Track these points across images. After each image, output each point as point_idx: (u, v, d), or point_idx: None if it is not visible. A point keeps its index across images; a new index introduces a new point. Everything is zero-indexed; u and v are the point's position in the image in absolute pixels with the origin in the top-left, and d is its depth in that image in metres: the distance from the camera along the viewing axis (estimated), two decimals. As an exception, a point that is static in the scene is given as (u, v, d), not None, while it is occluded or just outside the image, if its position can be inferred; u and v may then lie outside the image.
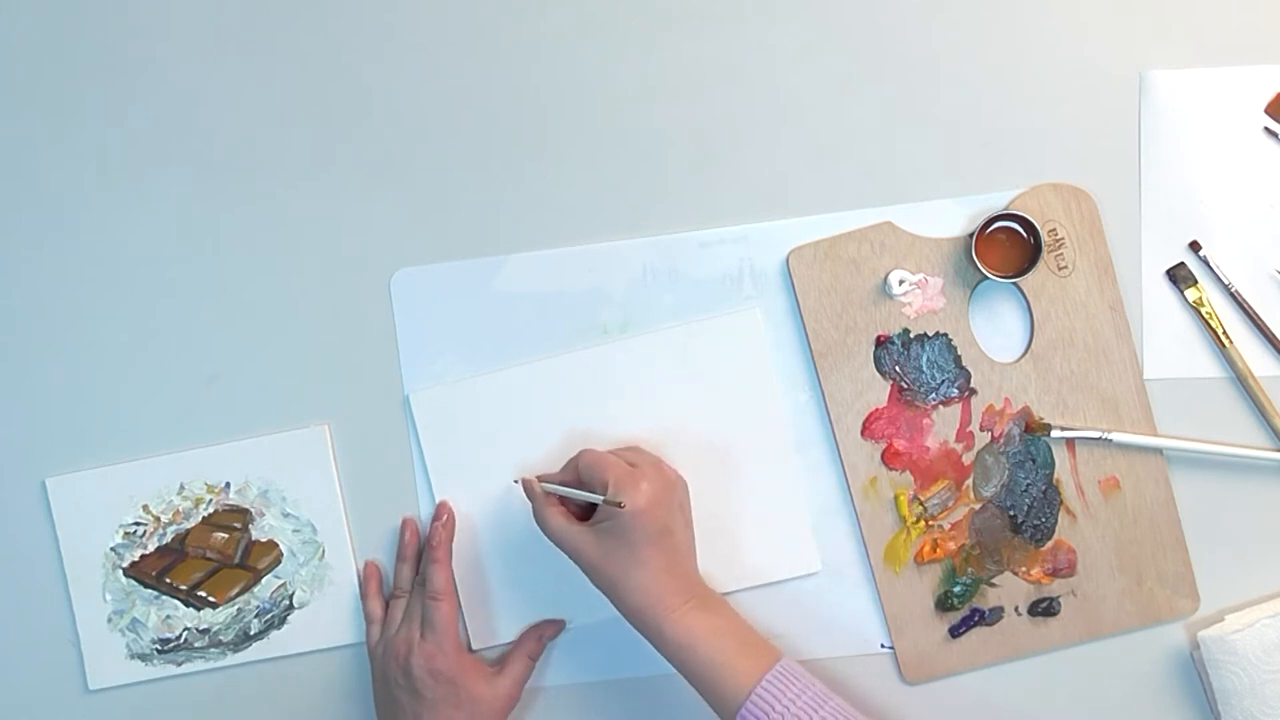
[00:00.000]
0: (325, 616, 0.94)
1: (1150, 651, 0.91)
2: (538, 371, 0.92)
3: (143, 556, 0.94)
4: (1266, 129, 0.90)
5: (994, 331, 0.91)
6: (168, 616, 0.94)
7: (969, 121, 0.92)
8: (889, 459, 0.91)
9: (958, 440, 0.91)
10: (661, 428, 0.92)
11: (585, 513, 0.87)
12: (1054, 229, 0.90)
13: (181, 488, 0.94)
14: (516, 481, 0.89)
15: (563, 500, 0.87)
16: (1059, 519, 0.90)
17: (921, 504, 0.91)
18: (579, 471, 0.86)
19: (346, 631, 0.94)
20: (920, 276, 0.91)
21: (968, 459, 0.91)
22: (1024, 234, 0.89)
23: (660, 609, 0.82)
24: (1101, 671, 0.91)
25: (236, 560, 0.94)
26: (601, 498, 0.83)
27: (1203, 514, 0.90)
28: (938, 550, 0.91)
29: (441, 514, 0.92)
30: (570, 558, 0.85)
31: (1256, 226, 0.90)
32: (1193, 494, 0.90)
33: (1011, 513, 0.91)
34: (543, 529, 0.86)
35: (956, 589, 0.91)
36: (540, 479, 0.88)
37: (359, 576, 0.94)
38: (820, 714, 0.78)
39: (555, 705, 0.93)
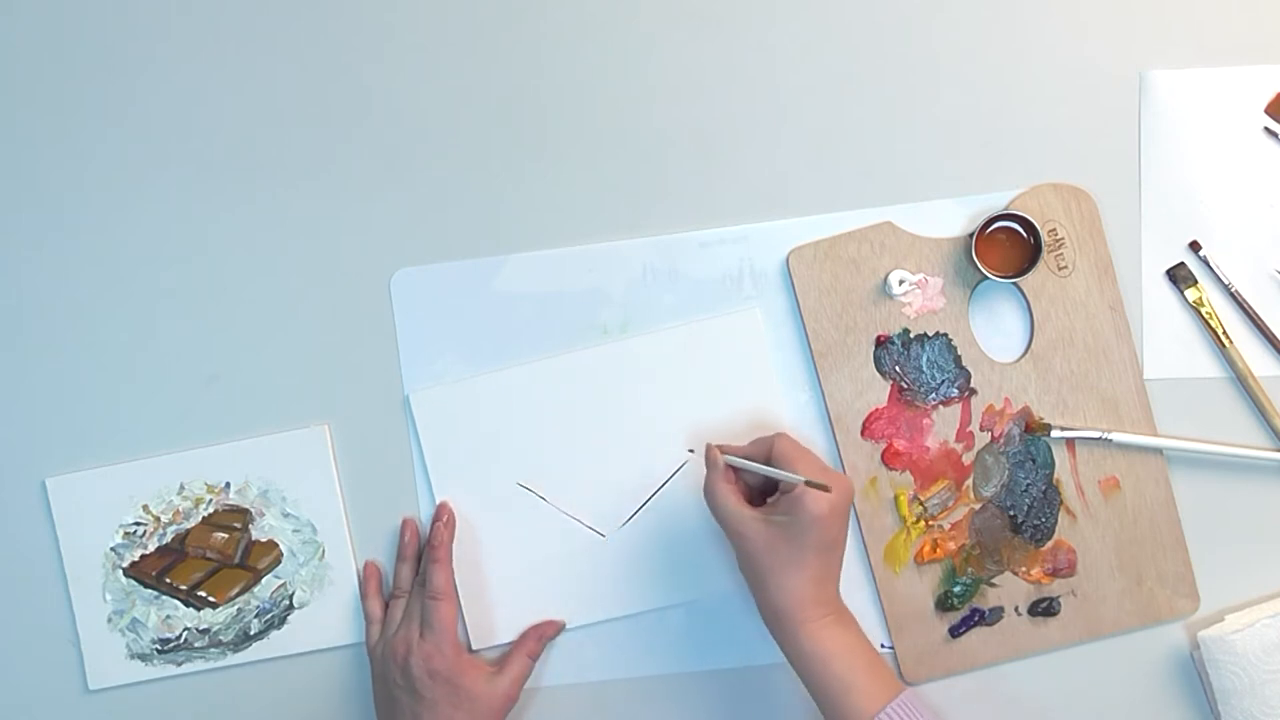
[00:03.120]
0: (325, 616, 0.94)
1: (1150, 651, 0.91)
2: (538, 371, 0.92)
3: (143, 556, 0.94)
4: (1266, 129, 0.90)
5: (994, 331, 0.91)
6: (168, 616, 0.94)
7: (969, 121, 0.92)
8: (889, 459, 0.91)
9: (958, 440, 0.91)
10: (661, 428, 0.92)
11: (752, 498, 0.86)
12: (1054, 229, 0.90)
13: (181, 488, 0.94)
14: (691, 452, 0.88)
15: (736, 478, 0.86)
16: (1059, 519, 0.90)
17: (921, 504, 0.91)
18: (771, 455, 0.84)
19: (346, 631, 0.94)
20: (920, 276, 0.91)
21: (968, 459, 0.91)
22: (1024, 234, 0.89)
23: (801, 615, 0.82)
24: (1101, 671, 0.91)
25: (236, 560, 0.94)
26: (803, 479, 0.81)
27: (1203, 514, 0.90)
28: (938, 550, 0.91)
29: (442, 514, 0.92)
30: (730, 538, 0.83)
31: (1256, 226, 0.90)
32: (1193, 494, 0.90)
33: (1011, 513, 0.91)
34: (711, 502, 0.84)
35: (956, 589, 0.91)
36: (722, 449, 0.86)
37: (359, 576, 0.94)
38: None
39: (554, 705, 0.93)
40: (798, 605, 0.82)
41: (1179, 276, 0.90)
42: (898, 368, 0.91)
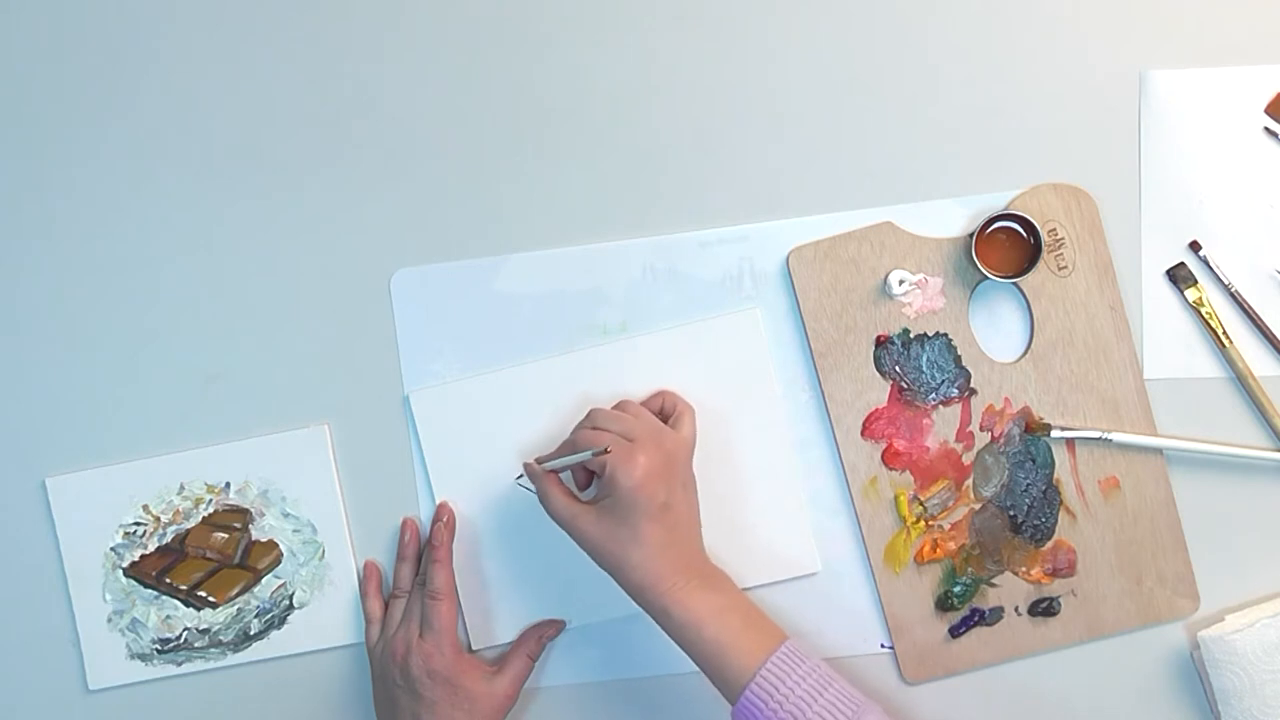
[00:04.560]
0: (325, 616, 0.94)
1: (1150, 651, 0.91)
2: (537, 371, 0.92)
3: (143, 556, 0.94)
4: (1266, 129, 0.90)
5: (994, 331, 0.91)
6: (168, 616, 0.94)
7: (969, 121, 0.92)
8: (889, 459, 0.91)
9: (958, 440, 0.91)
10: (661, 428, 0.92)
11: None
12: (1054, 229, 0.90)
13: (181, 488, 0.94)
14: (519, 477, 0.89)
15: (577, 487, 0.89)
16: (1059, 519, 0.90)
17: (921, 504, 0.91)
18: (575, 448, 0.85)
19: (346, 631, 0.94)
20: (920, 276, 0.91)
21: (968, 459, 0.91)
22: (1024, 234, 0.89)
23: (662, 587, 0.81)
24: (1101, 671, 0.91)
25: (236, 560, 0.94)
26: (589, 452, 0.82)
27: (1203, 514, 0.90)
28: (938, 550, 0.91)
29: (442, 514, 0.92)
30: (573, 539, 0.84)
31: (1256, 226, 0.90)
32: (1193, 494, 0.90)
33: (1011, 513, 0.91)
34: (548, 511, 0.85)
35: (956, 589, 0.91)
36: (539, 460, 0.87)
37: (359, 576, 0.94)
38: (825, 697, 0.78)
39: (554, 705, 0.93)
40: (655, 579, 0.81)
41: (1179, 276, 0.90)
42: (898, 368, 0.91)
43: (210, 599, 0.94)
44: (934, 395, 0.91)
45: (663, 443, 0.84)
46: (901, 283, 0.90)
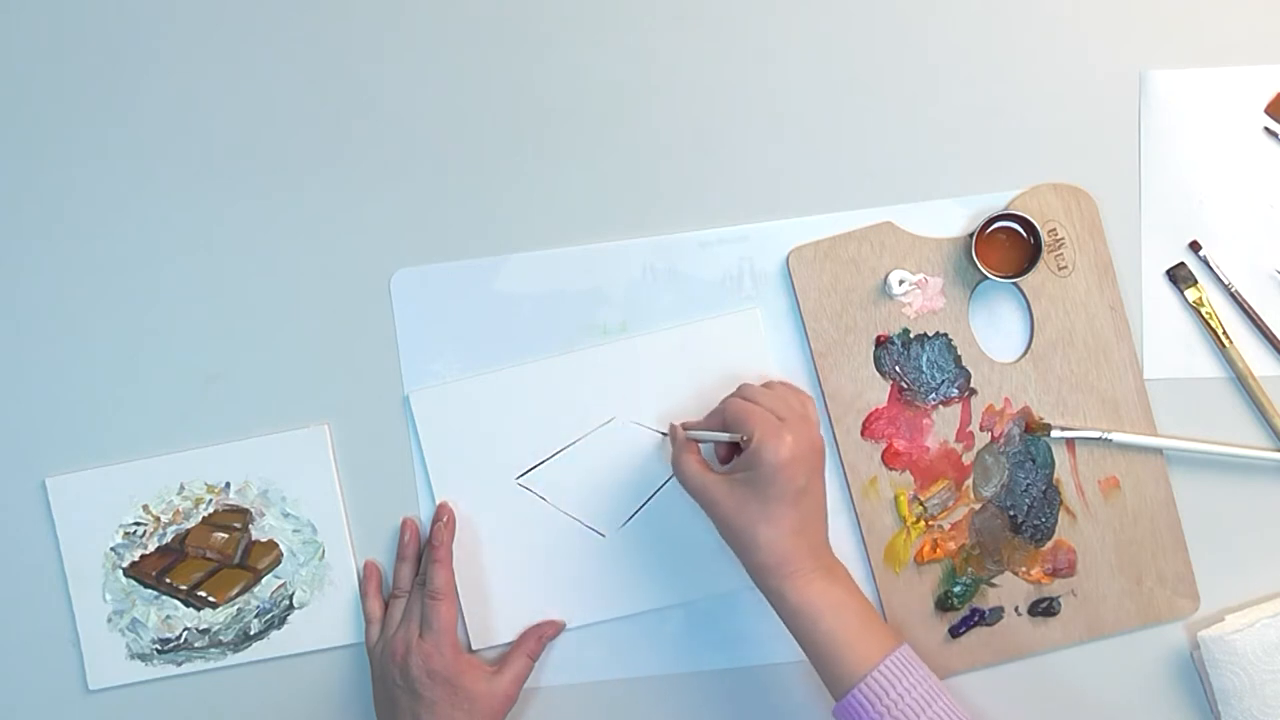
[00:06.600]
0: (325, 616, 0.94)
1: (1150, 651, 0.91)
2: (537, 371, 0.92)
3: (143, 556, 0.94)
4: (1266, 129, 0.90)
5: (994, 331, 0.91)
6: (168, 616, 0.94)
7: (969, 121, 0.92)
8: (889, 459, 0.91)
9: (958, 440, 0.91)
10: (662, 428, 0.92)
11: (728, 462, 0.88)
12: (1054, 229, 0.90)
13: (181, 488, 0.94)
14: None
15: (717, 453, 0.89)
16: (1059, 519, 0.90)
17: (921, 504, 0.91)
18: (724, 419, 0.85)
19: (346, 631, 0.94)
20: (920, 276, 0.91)
21: (968, 459, 0.91)
22: (1024, 234, 0.89)
23: (785, 570, 0.81)
24: (1101, 671, 0.91)
25: (236, 560, 0.94)
26: (739, 436, 0.82)
27: (1203, 514, 0.90)
28: (938, 550, 0.91)
29: (442, 515, 0.92)
30: (703, 508, 0.84)
31: (1256, 226, 0.90)
32: (1193, 494, 0.90)
33: (1011, 513, 0.91)
34: (678, 476, 0.85)
35: (956, 589, 0.91)
36: (684, 425, 0.87)
37: (359, 576, 0.94)
38: (932, 709, 0.78)
39: (553, 705, 0.93)
40: (779, 561, 0.81)
41: (1179, 276, 0.90)
42: (898, 368, 0.91)
43: (210, 599, 0.94)
44: (934, 395, 0.91)
45: (810, 427, 0.84)
46: (901, 283, 0.90)
